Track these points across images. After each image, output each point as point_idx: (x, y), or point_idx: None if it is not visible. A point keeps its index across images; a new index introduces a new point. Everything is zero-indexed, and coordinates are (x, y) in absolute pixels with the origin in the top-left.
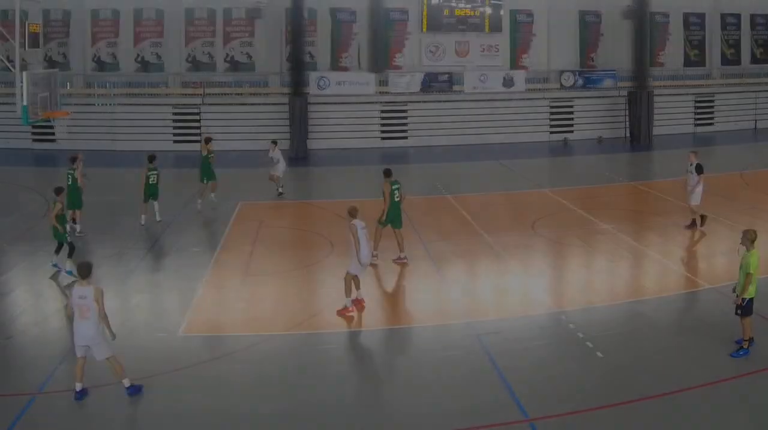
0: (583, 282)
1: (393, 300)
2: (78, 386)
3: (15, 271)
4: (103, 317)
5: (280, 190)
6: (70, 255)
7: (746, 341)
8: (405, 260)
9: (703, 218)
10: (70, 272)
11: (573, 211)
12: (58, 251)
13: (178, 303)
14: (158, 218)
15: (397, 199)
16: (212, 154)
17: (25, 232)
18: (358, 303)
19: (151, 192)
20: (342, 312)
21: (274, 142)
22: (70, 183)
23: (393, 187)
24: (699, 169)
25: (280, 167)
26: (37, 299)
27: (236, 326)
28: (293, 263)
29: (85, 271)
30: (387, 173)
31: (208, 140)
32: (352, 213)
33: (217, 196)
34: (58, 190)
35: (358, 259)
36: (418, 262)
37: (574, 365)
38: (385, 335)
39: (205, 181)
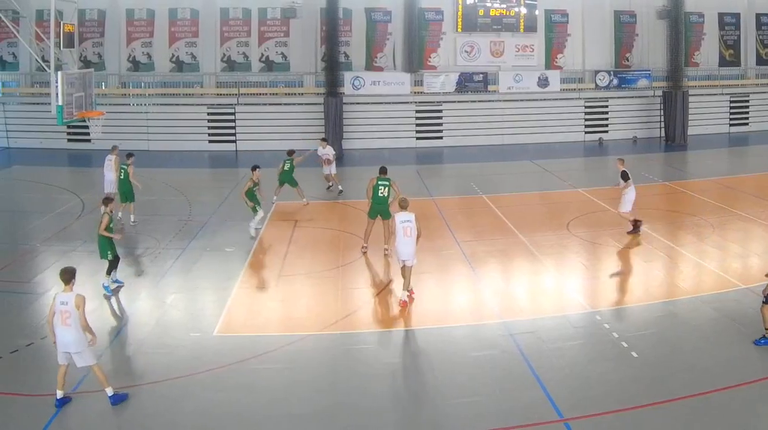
0: (618, 282)
1: (427, 300)
2: (59, 394)
3: (49, 271)
4: (84, 324)
5: (340, 187)
6: (109, 272)
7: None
8: (388, 253)
9: (636, 223)
10: (108, 288)
11: (607, 212)
12: (110, 270)
13: (212, 303)
14: (251, 234)
15: (380, 195)
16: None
17: (60, 231)
18: (402, 301)
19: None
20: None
21: (325, 140)
22: (122, 177)
23: (377, 182)
24: (624, 176)
25: (333, 165)
26: None
27: (270, 326)
28: (327, 263)
29: (66, 277)
30: (380, 171)
31: (292, 152)
32: (402, 205)
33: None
34: (107, 200)
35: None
36: (452, 261)
37: (609, 365)
38: (419, 334)
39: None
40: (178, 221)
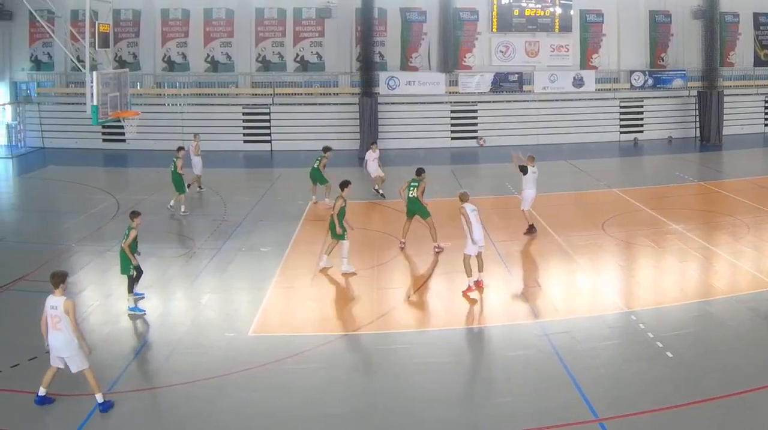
0: (653, 282)
1: (462, 300)
2: (41, 391)
3: (84, 271)
4: (76, 330)
5: (381, 190)
6: (130, 289)
7: None
8: (439, 249)
9: (530, 227)
10: (136, 309)
11: (642, 211)
12: (131, 287)
13: (247, 303)
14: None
15: (411, 196)
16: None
17: (95, 231)
18: (477, 284)
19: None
20: (465, 292)
21: (374, 143)
22: (173, 170)
23: (410, 183)
24: (522, 170)
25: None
26: (107, 299)
27: (305, 326)
28: (363, 263)
29: (56, 281)
30: (416, 172)
31: (327, 149)
32: (463, 198)
33: (285, 196)
34: (134, 215)
35: (471, 239)
36: (487, 262)
37: (644, 365)
38: (454, 334)
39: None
40: (212, 221)
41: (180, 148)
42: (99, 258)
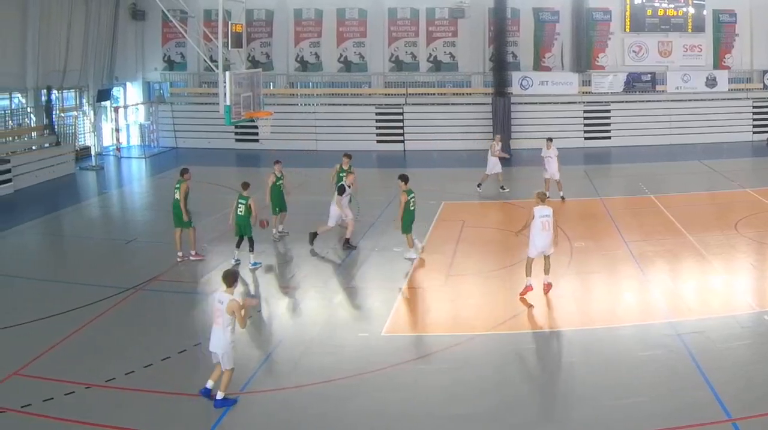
0: None
1: (595, 300)
2: (220, 395)
3: (216, 271)
4: (241, 320)
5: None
6: (251, 249)
7: None
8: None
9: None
10: (256, 264)
11: None
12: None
13: (380, 303)
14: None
15: (412, 208)
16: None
17: (226, 232)
18: (546, 287)
19: None
20: (521, 294)
21: (550, 140)
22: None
23: (409, 196)
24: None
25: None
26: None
27: (438, 327)
28: (495, 263)
29: (229, 280)
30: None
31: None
32: (541, 197)
33: (417, 196)
34: (245, 186)
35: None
36: (620, 261)
37: None
38: (585, 334)
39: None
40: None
41: (276, 161)
42: (230, 258)
